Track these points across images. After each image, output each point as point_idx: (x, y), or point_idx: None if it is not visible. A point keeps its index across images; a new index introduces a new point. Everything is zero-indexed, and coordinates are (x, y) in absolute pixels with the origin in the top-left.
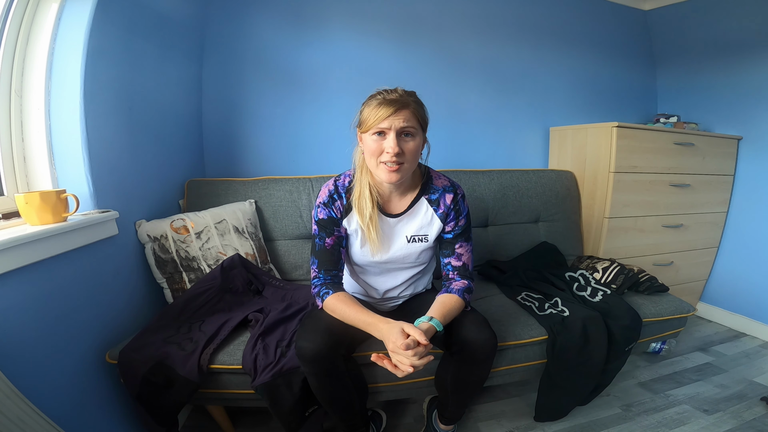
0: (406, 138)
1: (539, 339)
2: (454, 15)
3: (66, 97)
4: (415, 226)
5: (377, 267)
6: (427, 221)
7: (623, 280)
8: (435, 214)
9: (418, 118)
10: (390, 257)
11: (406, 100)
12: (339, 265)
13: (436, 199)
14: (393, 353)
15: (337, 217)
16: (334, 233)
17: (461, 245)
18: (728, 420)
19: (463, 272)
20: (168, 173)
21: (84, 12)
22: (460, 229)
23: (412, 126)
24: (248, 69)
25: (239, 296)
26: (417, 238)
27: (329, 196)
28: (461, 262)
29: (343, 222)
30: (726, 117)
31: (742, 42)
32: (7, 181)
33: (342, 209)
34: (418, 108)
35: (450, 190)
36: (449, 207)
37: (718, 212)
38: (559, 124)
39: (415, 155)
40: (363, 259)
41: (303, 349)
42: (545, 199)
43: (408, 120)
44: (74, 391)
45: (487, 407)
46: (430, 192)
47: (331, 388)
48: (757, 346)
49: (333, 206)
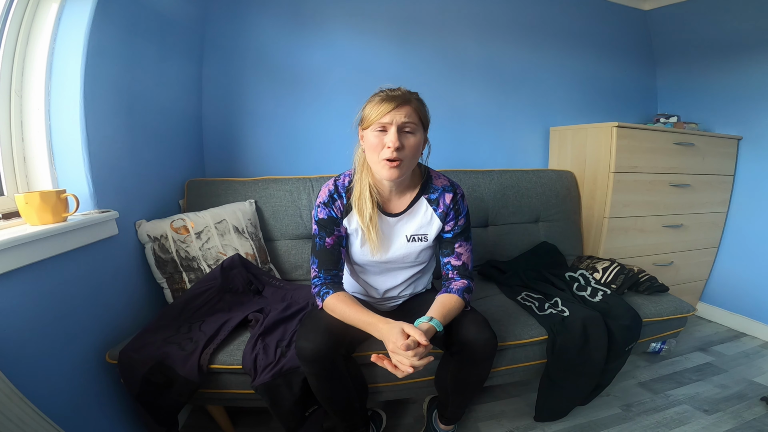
0: (407, 134)
1: (539, 339)
2: (454, 15)
3: (66, 97)
4: (414, 226)
5: (377, 266)
6: (426, 221)
7: (623, 280)
8: (434, 213)
9: (420, 115)
10: (390, 257)
11: (408, 96)
12: (339, 264)
13: (435, 199)
14: (393, 353)
15: (337, 217)
16: (334, 233)
17: (461, 244)
18: (728, 420)
19: (462, 272)
20: (168, 173)
21: (84, 12)
22: (460, 228)
23: (413, 122)
24: (248, 69)
25: (239, 296)
26: (417, 237)
27: (329, 195)
28: (461, 261)
29: (344, 222)
30: (726, 117)
31: (742, 42)
32: (7, 181)
33: (342, 209)
34: (419, 106)
35: (449, 189)
36: (449, 206)
37: (718, 212)
38: (559, 124)
39: (414, 152)
40: (363, 258)
41: (303, 349)
42: (545, 199)
43: (409, 116)
44: (74, 391)
45: (487, 407)
46: (430, 191)
47: (331, 388)
48: (757, 346)
49: (333, 206)
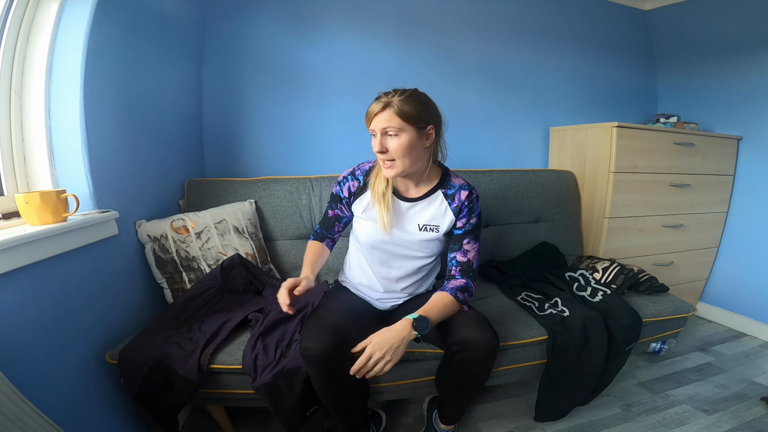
0: (390, 137)
1: (539, 339)
2: (454, 15)
3: (66, 97)
4: (428, 215)
5: (384, 250)
6: (441, 213)
7: (623, 280)
8: (449, 207)
9: (403, 115)
10: (398, 239)
11: (388, 101)
12: (331, 231)
13: (451, 194)
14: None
15: (343, 197)
16: (335, 209)
17: (469, 241)
18: (728, 420)
19: (466, 268)
20: (168, 173)
21: (84, 12)
22: (471, 226)
23: (393, 126)
24: (248, 69)
25: (239, 296)
26: (429, 227)
27: (345, 176)
28: (466, 258)
29: (355, 202)
30: (726, 117)
31: (742, 42)
32: (7, 181)
33: (354, 189)
34: (403, 105)
35: (466, 188)
36: (463, 203)
37: (718, 212)
38: (559, 124)
39: (404, 151)
40: (373, 236)
41: (308, 349)
42: (545, 199)
43: (389, 120)
44: (74, 391)
45: (487, 407)
46: (447, 187)
47: (335, 388)
48: (757, 346)
49: (345, 185)
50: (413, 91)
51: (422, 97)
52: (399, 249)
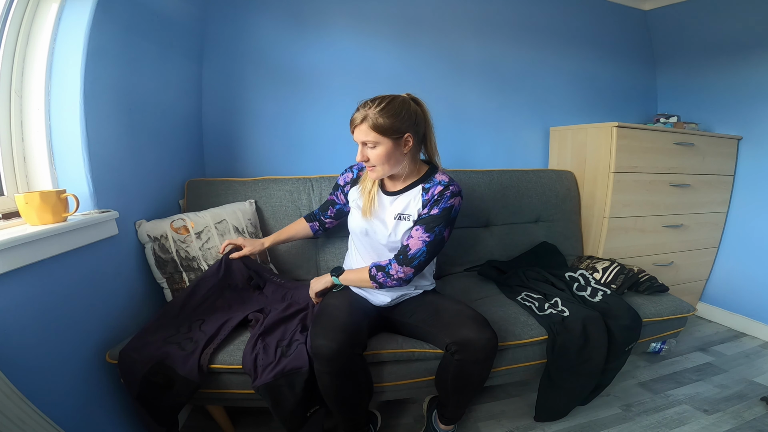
0: (369, 148)
1: (539, 339)
2: (454, 15)
3: (66, 97)
4: (402, 205)
5: (371, 238)
6: (414, 203)
7: (623, 280)
8: (422, 198)
9: (378, 129)
10: (378, 227)
11: (365, 114)
12: (324, 214)
13: (428, 188)
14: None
15: (341, 185)
16: (333, 194)
17: (418, 229)
18: (728, 420)
19: (400, 251)
20: (168, 173)
21: (84, 12)
22: (428, 215)
23: (370, 139)
24: (248, 69)
25: (239, 293)
26: (402, 216)
27: (347, 168)
28: (406, 243)
29: (350, 192)
30: (726, 117)
31: (742, 42)
32: (7, 181)
33: (349, 180)
34: (377, 118)
35: (443, 183)
36: (434, 196)
37: (718, 212)
38: (559, 124)
39: (383, 159)
40: (359, 224)
41: (321, 347)
42: (545, 199)
43: (366, 135)
44: (74, 391)
45: (487, 407)
46: (428, 182)
47: (345, 387)
48: (757, 346)
49: (344, 175)
50: (390, 101)
51: (397, 107)
52: (382, 237)
